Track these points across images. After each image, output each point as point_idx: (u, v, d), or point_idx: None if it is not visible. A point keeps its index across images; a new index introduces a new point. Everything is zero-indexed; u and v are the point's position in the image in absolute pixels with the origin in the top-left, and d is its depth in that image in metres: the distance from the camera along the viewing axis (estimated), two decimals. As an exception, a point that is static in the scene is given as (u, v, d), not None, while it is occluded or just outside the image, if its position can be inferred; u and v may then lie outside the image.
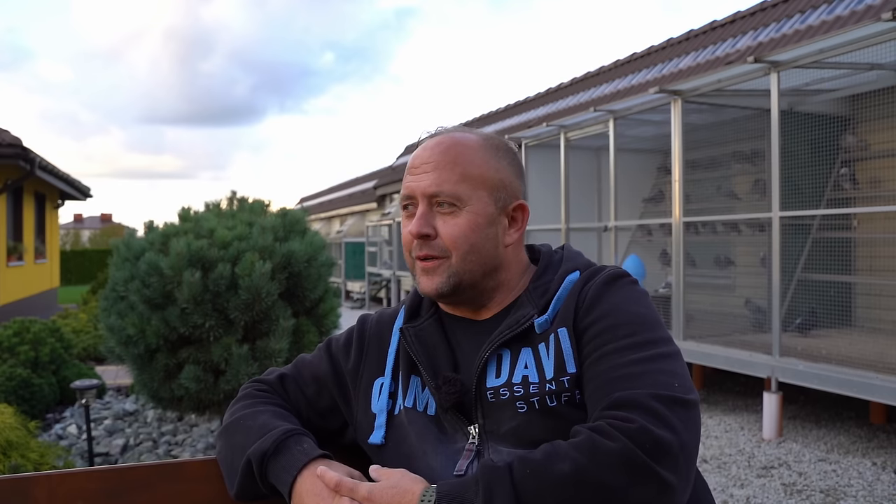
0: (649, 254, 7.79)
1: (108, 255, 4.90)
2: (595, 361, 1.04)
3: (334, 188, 31.45)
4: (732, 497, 3.98)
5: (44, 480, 1.13)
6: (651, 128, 7.33)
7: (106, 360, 6.21)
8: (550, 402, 1.05)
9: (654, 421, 0.92)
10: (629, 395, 0.96)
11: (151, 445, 5.30)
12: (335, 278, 16.95)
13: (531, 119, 13.82)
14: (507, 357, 1.11)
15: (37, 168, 10.53)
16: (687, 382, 1.01)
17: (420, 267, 1.16)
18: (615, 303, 1.09)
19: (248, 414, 1.20)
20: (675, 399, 0.96)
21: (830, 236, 5.78)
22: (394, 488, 0.99)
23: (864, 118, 5.80)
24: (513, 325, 1.12)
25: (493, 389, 1.09)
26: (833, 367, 4.69)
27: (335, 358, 1.28)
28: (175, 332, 4.33)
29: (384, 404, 1.19)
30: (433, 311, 1.24)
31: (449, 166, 1.15)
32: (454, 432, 1.11)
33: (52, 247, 16.13)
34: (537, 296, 1.15)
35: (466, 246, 1.14)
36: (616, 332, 1.05)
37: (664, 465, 0.90)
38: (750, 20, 9.98)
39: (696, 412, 0.99)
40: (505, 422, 1.08)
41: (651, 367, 1.00)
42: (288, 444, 1.12)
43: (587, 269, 1.17)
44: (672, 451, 0.91)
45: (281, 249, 4.49)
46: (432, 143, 1.18)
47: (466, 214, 1.14)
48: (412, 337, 1.19)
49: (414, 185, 1.16)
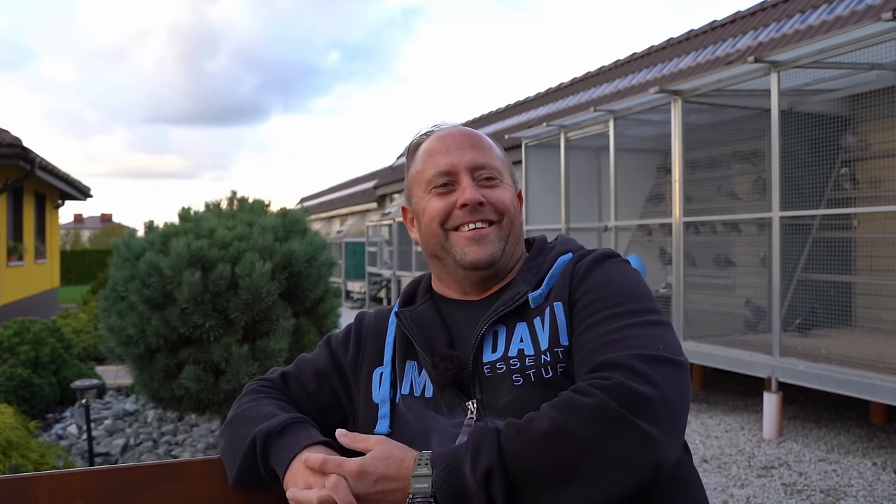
0: (649, 254, 7.80)
1: (108, 255, 4.90)
2: (582, 332, 1.06)
3: (334, 188, 31.46)
4: (732, 497, 3.98)
5: (44, 480, 1.13)
6: (651, 128, 7.33)
7: (106, 360, 6.21)
8: (546, 374, 1.07)
9: (633, 377, 0.93)
10: (610, 358, 0.97)
11: (151, 445, 5.30)
12: (335, 278, 16.95)
13: (531, 119, 13.82)
14: (502, 332, 1.13)
15: (37, 168, 10.53)
16: (674, 347, 1.00)
17: (469, 237, 1.18)
18: (606, 276, 1.12)
19: (253, 406, 1.22)
20: (659, 357, 0.96)
21: (830, 236, 5.78)
22: (389, 458, 0.99)
23: (864, 118, 5.79)
24: (508, 301, 1.14)
25: (490, 364, 1.11)
26: (833, 367, 4.69)
27: (335, 352, 1.30)
28: (175, 332, 4.33)
29: (386, 394, 1.20)
30: (428, 295, 1.27)
31: (485, 147, 1.24)
32: (452, 409, 1.12)
33: (52, 247, 16.13)
34: (531, 274, 1.18)
35: (513, 210, 1.22)
36: (603, 303, 1.07)
37: (643, 418, 0.90)
38: (750, 20, 9.99)
39: (683, 373, 0.98)
40: (502, 395, 1.09)
41: (635, 332, 1.01)
42: (294, 427, 1.14)
43: (579, 251, 1.21)
44: (651, 403, 0.91)
45: (281, 249, 4.49)
46: (457, 130, 1.25)
47: (506, 186, 1.23)
48: (408, 319, 1.22)
49: (455, 160, 1.20)
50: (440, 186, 1.20)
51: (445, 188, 1.20)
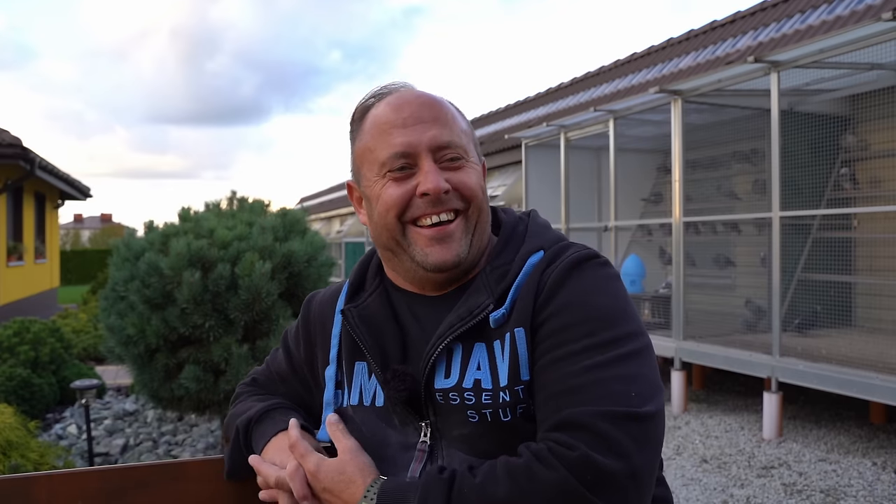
0: (649, 254, 7.79)
1: (108, 255, 4.90)
2: (545, 367, 0.94)
3: (334, 188, 31.45)
4: (732, 497, 3.98)
5: (44, 480, 1.13)
6: (651, 128, 7.33)
7: (106, 360, 6.21)
8: (504, 417, 0.97)
9: (599, 446, 0.84)
10: (574, 414, 0.87)
11: (151, 445, 5.30)
12: (335, 278, 16.94)
13: (531, 119, 13.82)
14: (458, 353, 1.01)
15: (37, 168, 10.54)
16: (647, 388, 0.90)
17: (432, 235, 1.03)
18: (577, 292, 0.97)
19: (239, 405, 1.24)
20: (629, 415, 0.87)
21: (830, 236, 5.78)
22: (341, 474, 0.97)
23: (864, 118, 5.79)
24: (465, 316, 1.00)
25: (443, 392, 1.00)
26: (833, 367, 4.69)
27: (290, 350, 1.25)
28: (175, 332, 4.34)
29: (331, 396, 1.12)
30: (378, 282, 1.13)
31: (447, 119, 1.05)
32: (405, 425, 1.05)
33: (52, 247, 16.13)
34: (494, 280, 1.02)
35: (481, 194, 1.05)
36: (571, 333, 0.94)
37: (607, 499, 0.83)
38: (750, 20, 9.99)
39: (654, 426, 0.89)
40: (456, 427, 1.00)
41: (605, 375, 0.90)
42: (272, 413, 1.14)
43: (552, 248, 1.04)
44: (617, 481, 0.83)
45: (281, 249, 4.49)
46: (414, 97, 1.05)
47: (472, 166, 1.06)
48: (355, 319, 1.09)
49: (414, 138, 1.01)
50: (396, 171, 1.02)
51: (402, 172, 1.02)
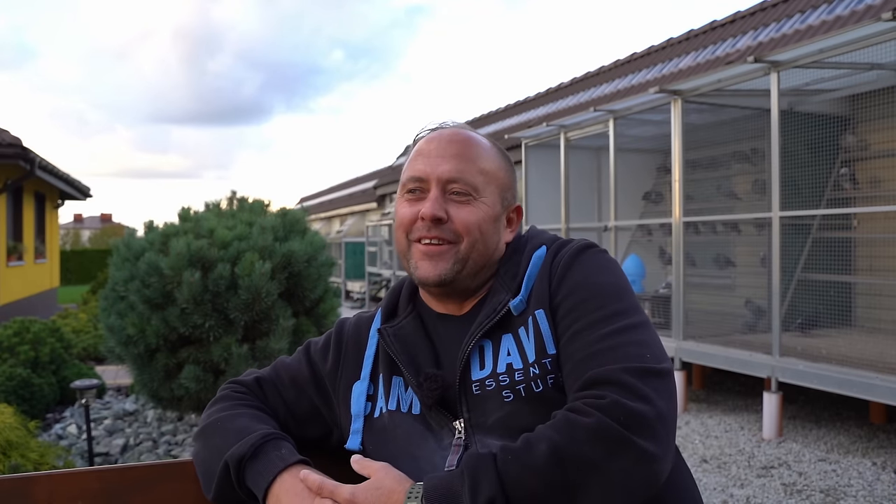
0: (649, 254, 7.79)
1: (108, 255, 4.90)
2: (568, 341, 1.05)
3: (334, 188, 31.47)
4: (732, 497, 3.98)
5: (44, 480, 1.13)
6: (651, 128, 7.34)
7: (106, 360, 6.22)
8: (536, 388, 1.06)
9: (626, 394, 0.93)
10: (601, 373, 0.97)
11: (151, 445, 5.30)
12: (335, 278, 16.95)
13: (531, 119, 13.82)
14: (489, 348, 1.11)
15: (37, 168, 10.53)
16: (658, 352, 1.01)
17: (423, 251, 1.14)
18: (584, 274, 1.10)
19: (226, 416, 1.18)
20: (648, 370, 0.97)
21: (830, 236, 5.78)
22: (378, 489, 0.97)
23: (864, 118, 5.79)
24: (490, 313, 1.12)
25: (479, 382, 1.09)
26: (833, 366, 4.69)
27: (314, 361, 1.27)
28: (175, 332, 4.34)
29: (360, 408, 1.19)
30: (411, 308, 1.23)
31: (468, 158, 1.16)
32: (441, 429, 1.11)
33: (52, 247, 16.13)
34: (508, 278, 1.15)
35: (478, 234, 1.14)
36: (585, 308, 1.05)
37: (641, 435, 0.91)
38: (750, 20, 9.99)
39: (670, 380, 0.99)
40: (491, 412, 1.07)
41: (621, 340, 1.00)
42: (266, 448, 1.10)
43: (554, 243, 1.18)
44: (647, 420, 0.92)
45: (281, 249, 4.49)
46: (448, 134, 1.19)
47: (480, 205, 1.16)
48: (391, 337, 1.19)
49: (429, 169, 1.15)
50: (410, 192, 1.17)
51: (414, 195, 1.16)
